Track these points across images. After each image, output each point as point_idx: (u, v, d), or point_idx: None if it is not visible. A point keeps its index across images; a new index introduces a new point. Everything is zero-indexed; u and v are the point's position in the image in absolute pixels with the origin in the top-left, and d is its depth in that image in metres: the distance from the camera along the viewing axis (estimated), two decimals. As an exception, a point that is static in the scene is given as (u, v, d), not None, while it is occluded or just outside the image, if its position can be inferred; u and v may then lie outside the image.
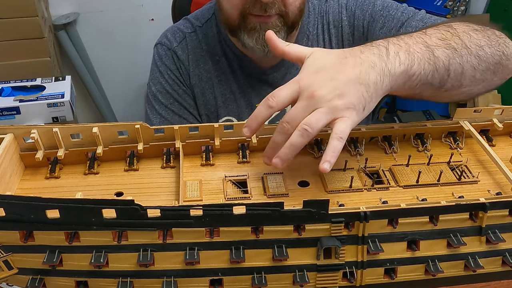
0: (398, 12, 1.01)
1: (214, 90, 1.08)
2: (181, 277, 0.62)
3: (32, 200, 0.57)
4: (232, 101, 1.09)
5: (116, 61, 2.34)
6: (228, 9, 0.95)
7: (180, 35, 1.09)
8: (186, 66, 1.08)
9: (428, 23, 0.97)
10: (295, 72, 1.07)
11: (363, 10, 1.05)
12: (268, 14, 0.91)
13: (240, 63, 1.06)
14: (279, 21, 0.94)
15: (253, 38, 0.94)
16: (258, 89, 1.08)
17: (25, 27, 1.87)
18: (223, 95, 1.08)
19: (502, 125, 0.80)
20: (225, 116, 1.09)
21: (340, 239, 0.62)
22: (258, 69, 1.06)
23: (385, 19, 1.01)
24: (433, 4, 2.06)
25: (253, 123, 0.68)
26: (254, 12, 0.92)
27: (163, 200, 0.70)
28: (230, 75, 1.07)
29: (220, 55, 1.07)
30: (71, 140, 0.74)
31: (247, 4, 0.91)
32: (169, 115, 1.08)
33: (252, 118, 0.68)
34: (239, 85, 1.08)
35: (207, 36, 1.08)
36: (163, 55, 1.09)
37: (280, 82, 1.06)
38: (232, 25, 0.96)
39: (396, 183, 0.73)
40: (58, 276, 0.62)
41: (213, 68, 1.08)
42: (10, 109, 1.47)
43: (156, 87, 1.09)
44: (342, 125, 0.64)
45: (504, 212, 0.65)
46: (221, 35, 1.07)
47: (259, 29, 0.93)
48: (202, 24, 1.09)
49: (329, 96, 0.64)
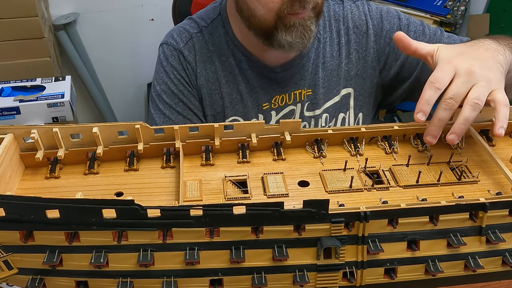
0: (426, 28, 1.10)
1: (221, 90, 1.08)
2: (181, 277, 0.62)
3: (32, 200, 0.57)
4: (239, 101, 1.08)
5: (116, 61, 2.34)
6: (263, 14, 0.94)
7: (187, 36, 1.09)
8: (193, 66, 1.08)
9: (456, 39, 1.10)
10: (305, 73, 1.07)
11: (391, 23, 1.09)
12: (306, 9, 0.92)
13: (249, 62, 1.06)
14: (312, 13, 0.95)
15: (292, 35, 0.94)
16: (266, 88, 1.08)
17: (25, 27, 1.87)
18: (230, 96, 1.08)
19: (502, 125, 0.80)
20: (231, 116, 1.09)
21: (340, 239, 0.62)
22: (267, 67, 1.06)
23: (416, 34, 1.09)
24: (433, 4, 2.06)
25: (426, 107, 0.73)
26: (293, 11, 0.91)
27: (163, 200, 0.70)
28: (238, 75, 1.07)
29: (227, 55, 1.07)
30: (71, 140, 0.74)
31: (284, 5, 0.91)
32: (173, 115, 1.08)
33: (423, 102, 0.73)
34: (247, 85, 1.08)
35: (213, 36, 1.08)
36: (169, 55, 1.08)
37: (288, 82, 1.07)
38: (267, 27, 0.95)
39: (396, 183, 0.73)
40: (58, 276, 0.62)
41: (220, 69, 1.07)
42: (10, 109, 1.47)
43: (161, 86, 1.09)
44: (500, 94, 0.73)
45: (504, 212, 0.65)
46: (228, 35, 1.07)
47: (298, 25, 0.93)
48: (208, 24, 1.09)
49: (482, 71, 0.74)
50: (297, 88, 1.08)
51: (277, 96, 1.08)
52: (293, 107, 1.09)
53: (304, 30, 0.94)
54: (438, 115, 0.73)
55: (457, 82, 0.73)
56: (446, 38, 1.10)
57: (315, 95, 1.09)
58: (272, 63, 1.06)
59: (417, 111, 0.73)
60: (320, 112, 1.10)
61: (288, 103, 1.09)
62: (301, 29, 0.94)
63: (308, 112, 1.10)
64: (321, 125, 1.10)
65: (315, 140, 0.80)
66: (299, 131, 0.79)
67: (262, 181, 0.74)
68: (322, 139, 0.79)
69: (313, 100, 1.09)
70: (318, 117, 1.10)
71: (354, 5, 1.11)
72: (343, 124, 1.12)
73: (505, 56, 0.81)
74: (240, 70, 1.07)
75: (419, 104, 0.74)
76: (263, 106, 1.08)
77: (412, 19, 1.12)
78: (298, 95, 1.08)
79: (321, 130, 0.80)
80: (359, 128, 0.80)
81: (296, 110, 1.09)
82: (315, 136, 0.79)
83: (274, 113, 1.09)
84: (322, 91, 1.09)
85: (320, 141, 0.80)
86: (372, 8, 1.11)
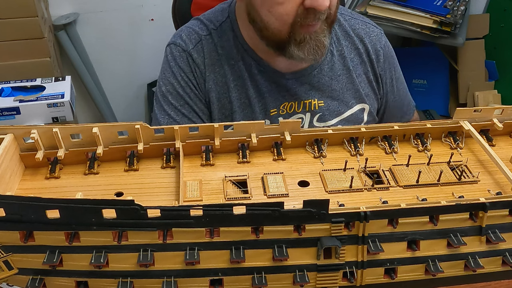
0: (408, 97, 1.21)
1: (229, 94, 1.06)
2: (181, 277, 0.62)
3: (32, 200, 0.57)
4: (247, 105, 1.07)
5: (116, 61, 2.34)
6: (276, 26, 0.93)
7: (196, 38, 1.07)
8: (201, 70, 1.06)
9: None
10: (317, 84, 1.06)
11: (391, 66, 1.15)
12: (319, 21, 0.91)
13: (259, 67, 1.05)
14: (324, 24, 0.94)
15: (304, 51, 0.94)
16: (275, 94, 1.06)
17: (25, 27, 1.87)
18: (238, 100, 1.07)
19: (502, 125, 0.80)
20: (239, 121, 1.08)
21: (340, 239, 0.62)
22: (278, 73, 1.05)
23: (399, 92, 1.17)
24: (433, 4, 2.05)
25: None
26: (306, 23, 0.91)
27: (163, 200, 0.70)
28: (248, 79, 1.06)
29: (237, 59, 1.05)
30: (71, 140, 0.74)
31: (298, 18, 0.90)
32: (178, 116, 1.06)
33: None
34: (256, 89, 1.06)
35: (222, 39, 1.06)
36: (177, 56, 1.06)
37: (298, 90, 1.06)
38: (280, 40, 0.94)
39: (396, 183, 0.73)
40: (58, 276, 0.62)
41: (229, 72, 1.06)
42: (10, 109, 1.47)
43: (167, 87, 1.07)
44: None
45: (504, 212, 0.65)
46: (237, 39, 1.05)
47: (309, 40, 0.93)
48: (217, 27, 1.07)
49: None
50: (308, 97, 1.07)
51: (286, 103, 1.07)
52: (301, 115, 1.08)
53: (317, 46, 0.93)
54: None
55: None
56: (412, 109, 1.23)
57: (328, 106, 1.08)
58: (282, 69, 1.04)
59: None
60: (332, 124, 1.09)
61: (297, 111, 1.08)
62: (314, 45, 0.93)
63: (318, 122, 1.09)
64: None
65: (315, 140, 0.80)
66: (299, 131, 0.79)
67: (262, 181, 0.74)
68: (322, 139, 0.80)
69: (325, 112, 1.08)
70: None
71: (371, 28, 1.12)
72: None
73: None
74: (250, 75, 1.05)
75: None
76: (270, 112, 1.07)
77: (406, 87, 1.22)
78: (308, 104, 1.07)
79: (321, 130, 0.80)
80: (359, 128, 0.80)
81: (305, 119, 1.08)
82: (315, 136, 0.79)
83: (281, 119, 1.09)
84: (335, 103, 1.08)
85: (320, 141, 0.80)
86: (388, 44, 1.13)
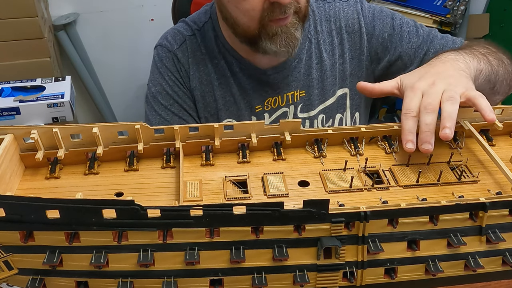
0: (419, 30, 1.10)
1: (214, 93, 1.08)
2: (181, 277, 0.62)
3: (32, 200, 0.57)
4: (232, 103, 1.09)
5: (116, 61, 2.34)
6: (245, 22, 0.93)
7: (181, 38, 1.09)
8: (186, 68, 1.08)
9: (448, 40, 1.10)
10: (297, 74, 1.07)
11: (384, 22, 1.09)
12: (287, 15, 0.91)
13: (240, 65, 1.07)
14: (295, 18, 0.94)
15: (276, 43, 0.94)
16: (258, 90, 1.08)
17: (25, 27, 1.88)
18: (223, 98, 1.08)
19: (502, 125, 0.80)
20: (225, 118, 1.10)
21: (340, 239, 0.62)
22: (259, 70, 1.06)
23: (409, 35, 1.09)
24: (433, 4, 2.06)
25: (410, 136, 0.74)
26: (274, 17, 0.91)
27: (163, 200, 0.70)
28: (230, 77, 1.08)
29: (219, 58, 1.08)
30: (71, 140, 0.74)
31: (265, 12, 0.90)
32: (169, 116, 1.08)
33: (406, 132, 0.74)
34: (240, 87, 1.08)
35: (205, 39, 1.08)
36: (163, 56, 1.09)
37: (280, 83, 1.06)
38: (251, 36, 0.95)
39: (396, 183, 0.73)
40: (58, 276, 0.62)
41: (212, 71, 1.08)
42: (10, 110, 1.47)
43: (156, 88, 1.09)
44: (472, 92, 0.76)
45: (504, 212, 0.65)
46: (218, 38, 1.07)
47: (280, 33, 0.93)
48: (200, 28, 1.09)
49: (445, 80, 0.77)
50: (290, 90, 1.08)
51: (270, 98, 1.08)
52: (286, 109, 1.09)
53: (288, 38, 0.93)
54: (423, 120, 0.73)
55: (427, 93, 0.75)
56: (439, 39, 1.09)
57: (309, 96, 1.08)
58: (263, 65, 1.06)
59: (405, 142, 0.74)
60: (315, 113, 1.10)
61: (281, 105, 1.09)
62: (285, 37, 0.93)
63: (302, 113, 1.09)
64: (317, 125, 1.10)
65: (315, 140, 0.80)
66: (299, 131, 0.79)
67: (262, 181, 0.74)
68: (322, 139, 0.79)
69: (307, 102, 1.09)
70: (314, 118, 1.10)
71: (346, 4, 1.10)
72: (340, 124, 1.12)
73: (466, 62, 0.85)
74: (232, 73, 1.07)
75: (403, 135, 0.74)
76: (256, 109, 1.08)
77: (406, 20, 1.11)
78: (290, 97, 1.08)
79: (321, 130, 0.80)
80: (359, 128, 0.80)
81: (289, 112, 1.09)
82: (315, 136, 0.79)
83: (267, 115, 1.10)
84: (316, 92, 1.09)
85: (320, 141, 0.80)
86: (365, 7, 1.10)
